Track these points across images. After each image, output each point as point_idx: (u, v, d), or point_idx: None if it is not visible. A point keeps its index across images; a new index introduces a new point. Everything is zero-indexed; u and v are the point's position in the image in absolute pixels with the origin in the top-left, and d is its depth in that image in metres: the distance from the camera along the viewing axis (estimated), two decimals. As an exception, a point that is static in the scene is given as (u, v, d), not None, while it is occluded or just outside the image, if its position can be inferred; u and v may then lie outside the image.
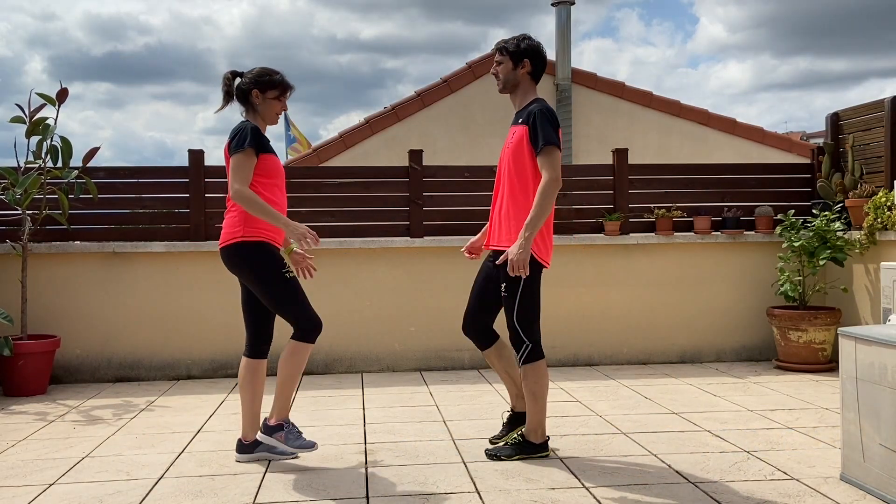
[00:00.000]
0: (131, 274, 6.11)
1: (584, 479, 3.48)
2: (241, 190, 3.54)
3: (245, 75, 3.77)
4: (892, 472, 3.08)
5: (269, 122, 3.81)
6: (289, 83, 3.80)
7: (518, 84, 3.79)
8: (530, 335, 3.70)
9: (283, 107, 3.81)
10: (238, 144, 3.59)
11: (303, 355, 3.70)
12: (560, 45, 11.31)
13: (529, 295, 3.69)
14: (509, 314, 3.72)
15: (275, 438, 3.74)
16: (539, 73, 3.81)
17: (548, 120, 3.62)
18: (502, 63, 3.81)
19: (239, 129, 3.65)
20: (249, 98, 3.74)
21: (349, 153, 10.83)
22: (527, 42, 3.78)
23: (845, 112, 6.57)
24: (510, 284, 3.68)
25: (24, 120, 5.69)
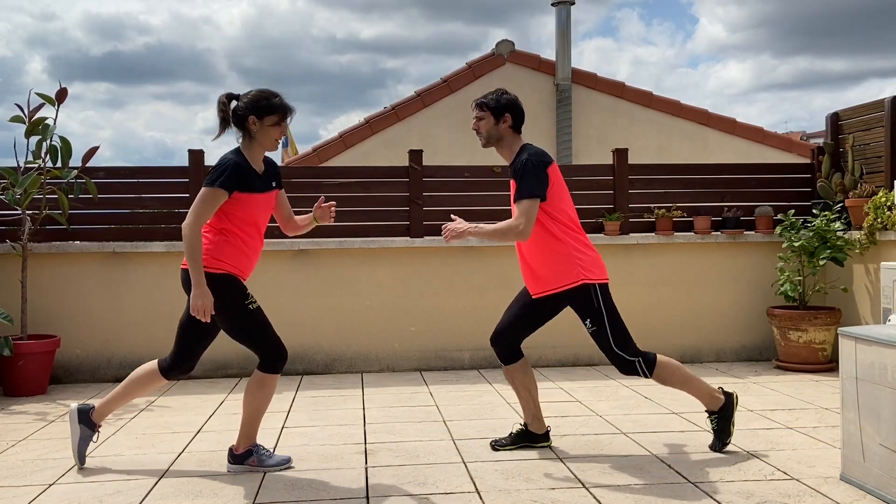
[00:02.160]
0: (131, 274, 6.11)
1: (584, 479, 3.48)
2: (190, 226, 3.39)
3: (241, 99, 3.56)
4: (892, 472, 3.08)
5: (267, 149, 3.61)
6: (289, 107, 3.58)
7: (502, 138, 3.84)
8: (634, 352, 3.74)
9: (282, 132, 3.59)
10: (210, 179, 3.43)
11: (270, 387, 3.62)
12: (560, 45, 11.31)
13: (614, 319, 3.74)
14: (606, 345, 3.75)
15: (247, 465, 3.67)
16: (520, 124, 3.85)
17: (532, 171, 3.65)
18: (483, 119, 3.84)
19: (219, 164, 3.48)
20: (246, 124, 3.53)
21: (349, 153, 10.83)
22: (505, 97, 3.83)
23: (845, 112, 6.57)
24: (594, 318, 3.73)
25: (23, 120, 5.69)
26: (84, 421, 3.74)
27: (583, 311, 3.76)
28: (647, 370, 3.74)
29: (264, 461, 3.68)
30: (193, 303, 3.41)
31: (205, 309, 3.41)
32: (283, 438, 4.26)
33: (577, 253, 3.71)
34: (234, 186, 3.45)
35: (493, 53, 11.25)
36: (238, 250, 3.54)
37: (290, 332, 6.07)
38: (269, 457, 3.71)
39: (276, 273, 6.20)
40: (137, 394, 3.80)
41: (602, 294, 3.73)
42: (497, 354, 4.00)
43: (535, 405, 3.99)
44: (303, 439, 4.23)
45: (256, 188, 3.54)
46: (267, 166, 3.66)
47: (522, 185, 3.64)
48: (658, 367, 3.75)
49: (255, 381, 3.61)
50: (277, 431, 4.41)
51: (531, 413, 3.99)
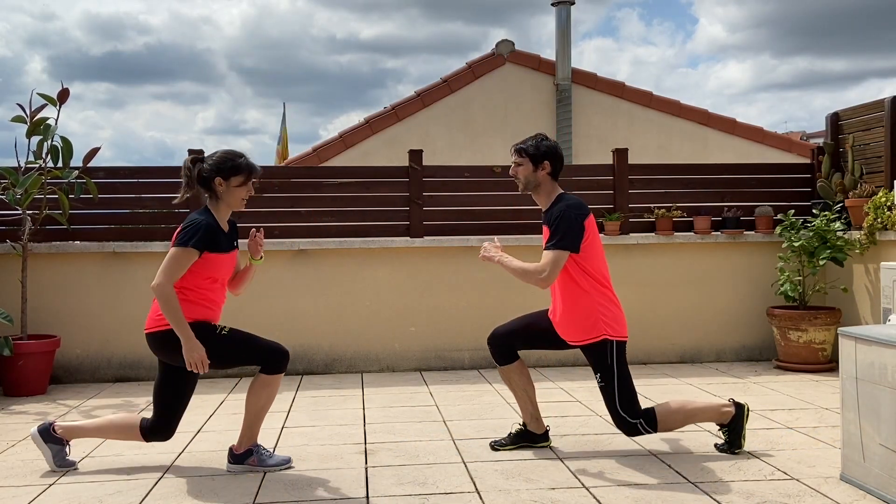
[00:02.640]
0: (131, 274, 6.11)
1: (584, 479, 3.48)
2: (164, 286, 3.40)
3: (206, 161, 3.58)
4: (892, 472, 3.08)
5: (234, 209, 3.64)
6: (254, 167, 3.61)
7: (539, 184, 3.81)
8: (636, 414, 3.73)
9: (249, 191, 3.61)
10: (182, 239, 3.44)
11: (274, 387, 3.63)
12: (560, 45, 11.31)
13: (624, 379, 3.73)
14: (612, 403, 3.73)
15: (247, 465, 3.67)
16: (558, 172, 3.83)
17: (569, 222, 3.65)
18: (522, 165, 3.81)
19: (191, 223, 3.48)
20: (212, 185, 3.55)
21: (349, 153, 10.83)
22: (545, 144, 3.81)
23: (845, 112, 6.57)
24: (605, 373, 3.72)
25: (24, 120, 5.69)
26: (49, 439, 3.72)
27: (596, 364, 3.76)
28: (651, 428, 3.74)
29: (264, 461, 3.68)
30: (188, 356, 3.41)
31: (201, 360, 3.42)
32: (283, 438, 4.26)
33: (603, 308, 3.72)
34: (205, 247, 3.47)
35: (493, 53, 11.25)
36: (199, 306, 3.55)
37: (290, 332, 6.09)
38: (270, 457, 3.71)
39: (276, 273, 6.20)
40: (110, 437, 3.81)
41: (618, 352, 3.73)
42: (492, 354, 4.02)
43: (533, 406, 3.99)
44: (303, 439, 4.23)
45: (223, 248, 3.57)
46: (230, 225, 3.70)
47: (556, 234, 3.64)
48: (660, 422, 3.75)
49: (260, 382, 3.62)
50: (277, 431, 4.41)
51: (529, 413, 3.99)
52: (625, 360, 3.76)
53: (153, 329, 3.56)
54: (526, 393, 3.98)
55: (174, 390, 3.63)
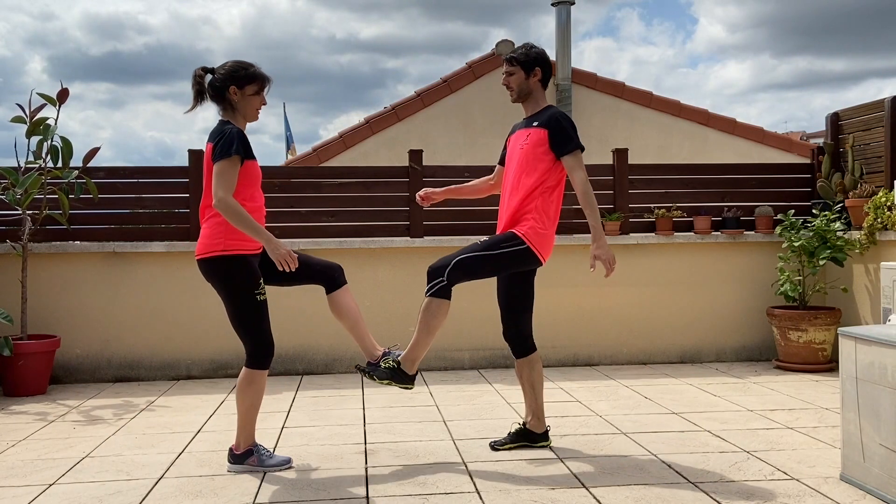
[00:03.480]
0: (131, 274, 6.11)
1: (584, 479, 3.48)
2: (227, 199, 3.35)
3: (217, 71, 3.54)
4: (892, 472, 3.08)
5: (249, 120, 3.60)
6: (266, 76, 3.58)
7: (531, 92, 3.90)
8: (453, 277, 3.72)
9: (262, 101, 3.60)
10: (224, 150, 3.38)
11: (260, 383, 3.61)
12: (560, 45, 11.30)
13: (493, 261, 3.73)
14: (461, 251, 3.77)
15: (247, 465, 3.66)
16: (548, 79, 3.95)
17: (572, 126, 3.80)
18: (514, 73, 3.88)
19: (222, 133, 3.43)
20: (226, 95, 3.51)
21: (349, 153, 10.82)
22: (535, 51, 3.90)
23: (845, 112, 6.57)
24: (490, 244, 3.74)
25: (24, 120, 5.69)
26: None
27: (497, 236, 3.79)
28: (436, 292, 3.74)
29: (264, 461, 3.68)
30: (274, 256, 3.38)
31: (287, 255, 3.40)
32: (283, 438, 4.26)
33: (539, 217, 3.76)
34: (245, 153, 3.46)
35: (493, 53, 11.25)
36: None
37: (290, 332, 6.09)
38: (270, 457, 3.71)
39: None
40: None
41: (518, 253, 3.73)
42: (511, 349, 4.03)
43: (537, 403, 3.98)
44: (303, 439, 4.23)
45: (254, 154, 3.57)
46: None
47: (568, 134, 3.73)
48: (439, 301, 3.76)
49: (245, 379, 3.60)
50: (277, 431, 4.41)
51: (531, 409, 3.99)
52: (508, 264, 3.76)
53: (206, 255, 3.49)
54: (532, 388, 3.97)
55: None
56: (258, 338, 3.58)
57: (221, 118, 3.58)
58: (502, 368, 6.27)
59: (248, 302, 3.52)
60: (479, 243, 3.79)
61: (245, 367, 3.60)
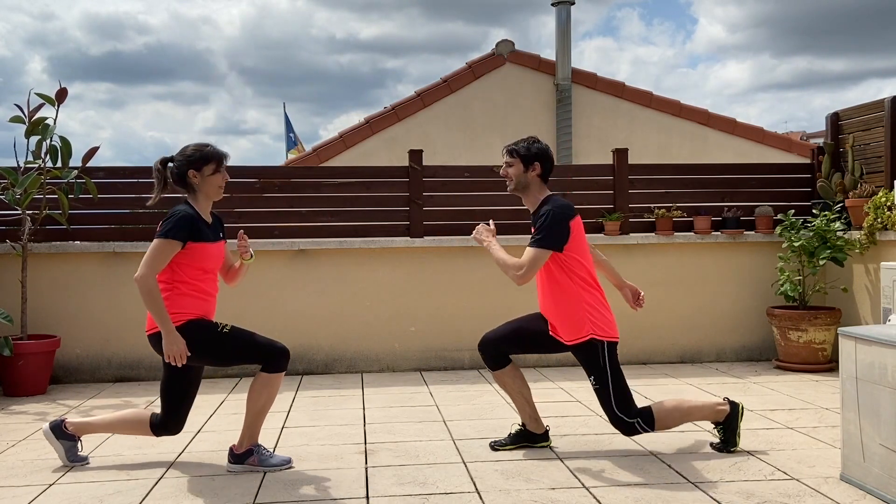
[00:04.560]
0: (131, 274, 6.04)
1: (584, 479, 3.48)
2: (146, 277, 3.42)
3: (176, 158, 3.65)
4: (892, 472, 3.08)
5: (212, 198, 3.67)
6: (222, 153, 3.66)
7: (528, 186, 3.84)
8: (634, 413, 3.74)
9: (224, 178, 3.65)
10: (163, 230, 3.47)
11: (274, 385, 3.63)
12: (560, 45, 11.31)
13: (617, 379, 3.74)
14: (608, 404, 3.74)
15: (247, 465, 3.67)
16: (548, 174, 3.87)
17: (555, 222, 3.68)
18: (513, 166, 3.84)
19: (171, 214, 3.52)
20: (187, 180, 3.61)
21: (349, 153, 10.83)
22: (536, 146, 3.84)
23: (845, 112, 6.57)
24: (599, 375, 3.74)
25: (23, 120, 5.69)
26: (61, 435, 3.77)
27: (588, 366, 3.78)
28: (648, 427, 3.75)
29: (265, 461, 3.68)
30: (167, 349, 3.43)
31: (179, 353, 3.44)
32: (283, 438, 4.26)
33: (589, 308, 3.74)
34: (187, 237, 3.50)
35: (493, 53, 11.26)
36: (195, 299, 3.57)
37: (290, 332, 6.08)
38: (270, 457, 3.71)
39: (276, 273, 6.20)
40: (119, 432, 3.85)
41: (609, 353, 3.75)
42: (483, 360, 4.00)
43: (531, 407, 3.99)
44: (303, 439, 4.23)
45: (208, 238, 3.59)
46: (213, 218, 3.72)
47: (540, 232, 3.68)
48: (657, 420, 3.76)
49: (261, 381, 3.62)
50: (277, 431, 4.41)
51: (528, 414, 3.99)
52: (616, 361, 3.78)
53: (153, 330, 3.56)
54: (522, 395, 3.98)
55: (179, 387, 3.63)
56: (258, 354, 3.60)
57: (185, 200, 3.65)
58: (502, 368, 6.27)
59: (218, 346, 3.56)
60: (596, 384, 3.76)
61: (261, 372, 3.62)
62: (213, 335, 3.56)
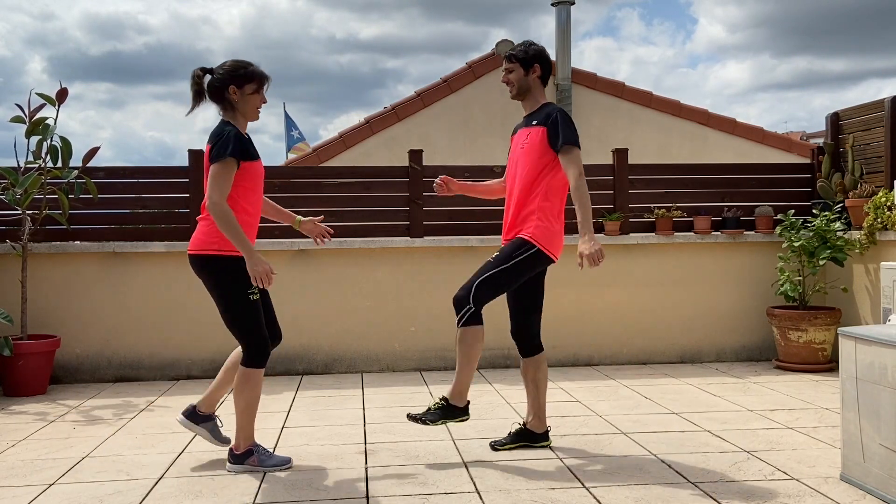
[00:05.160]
0: (131, 274, 6.11)
1: (584, 479, 3.48)
2: (220, 204, 3.38)
3: (216, 71, 3.54)
4: (892, 472, 3.08)
5: (250, 119, 3.60)
6: (265, 74, 3.59)
7: (530, 89, 3.92)
8: (478, 300, 3.73)
9: (262, 100, 3.59)
10: (220, 152, 3.40)
11: (255, 381, 3.60)
12: (560, 45, 11.30)
13: (511, 273, 3.75)
14: (478, 273, 3.77)
15: (247, 465, 3.66)
16: (547, 76, 3.95)
17: (569, 122, 3.79)
18: (513, 71, 3.90)
19: (220, 134, 3.44)
20: (226, 95, 3.51)
21: (349, 153, 10.82)
22: (534, 48, 3.91)
23: (845, 112, 6.57)
24: (498, 259, 3.76)
25: (24, 120, 5.69)
26: (197, 419, 3.83)
27: (503, 249, 3.81)
28: (467, 320, 3.72)
29: (264, 461, 3.68)
30: (253, 271, 3.40)
31: (265, 273, 3.42)
32: (283, 438, 4.26)
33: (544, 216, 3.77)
34: (241, 155, 3.46)
35: (493, 53, 11.25)
36: (242, 224, 3.51)
37: (290, 332, 6.07)
38: (270, 457, 3.71)
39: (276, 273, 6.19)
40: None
41: (530, 257, 3.75)
42: (518, 348, 4.03)
43: (539, 403, 3.98)
44: (303, 439, 4.23)
45: (254, 156, 3.57)
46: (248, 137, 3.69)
47: (567, 132, 3.72)
48: (471, 328, 3.73)
49: (241, 378, 3.60)
50: (277, 431, 4.41)
51: (533, 409, 3.98)
52: (526, 270, 3.76)
53: (197, 251, 3.52)
54: (536, 387, 3.97)
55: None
56: (252, 336, 3.58)
57: (222, 118, 3.59)
58: (502, 368, 6.27)
59: (241, 301, 3.54)
60: (492, 260, 3.80)
61: (241, 366, 3.60)
62: (243, 290, 3.52)
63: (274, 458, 3.72)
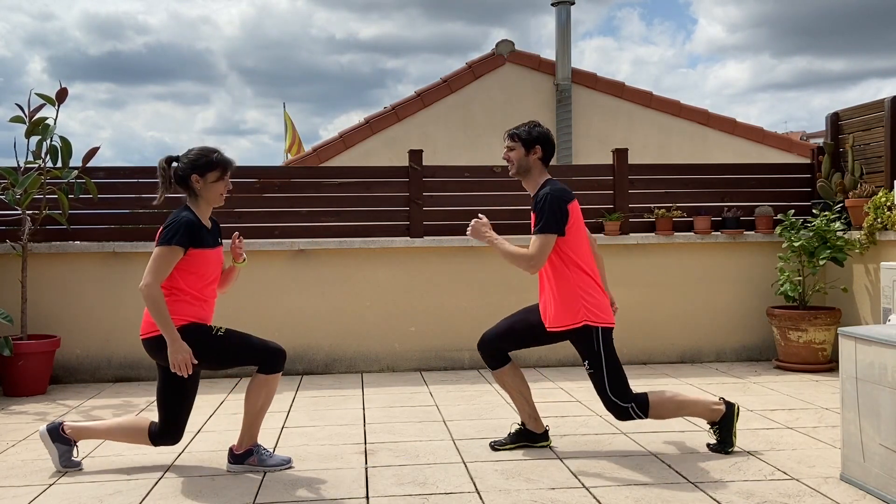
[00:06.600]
0: (131, 274, 6.10)
1: (584, 479, 3.48)
2: (151, 287, 3.40)
3: (181, 159, 3.62)
4: (892, 472, 3.08)
5: (214, 204, 3.65)
6: (229, 161, 3.63)
7: (530, 169, 3.87)
8: (628, 398, 3.74)
9: (226, 186, 3.63)
10: (166, 237, 3.46)
11: (272, 386, 3.62)
12: (560, 45, 11.30)
13: (612, 364, 3.75)
14: (602, 388, 3.75)
15: (247, 465, 3.66)
16: (549, 158, 3.90)
17: (551, 207, 3.69)
18: (514, 149, 3.87)
19: (172, 221, 3.50)
20: (189, 183, 3.58)
21: (349, 153, 10.82)
22: (537, 130, 3.87)
23: (845, 112, 6.57)
24: (593, 360, 3.75)
25: (23, 120, 5.69)
26: (57, 439, 3.72)
27: (583, 352, 3.79)
28: (642, 413, 3.75)
29: (265, 461, 3.68)
30: (173, 358, 3.41)
31: (185, 362, 3.41)
32: (283, 438, 4.26)
33: (584, 294, 3.74)
34: (189, 243, 3.48)
35: (493, 53, 11.25)
36: (192, 305, 3.55)
37: (290, 332, 6.09)
38: (270, 457, 3.71)
39: (276, 273, 6.20)
40: (118, 440, 3.80)
41: (603, 338, 3.75)
42: (483, 359, 4.02)
43: (531, 406, 3.99)
44: (303, 439, 4.23)
45: (208, 244, 3.58)
46: (212, 223, 3.71)
47: (542, 218, 3.69)
48: (652, 408, 3.76)
49: (258, 382, 3.61)
50: (277, 431, 4.41)
51: (527, 414, 3.99)
52: (611, 345, 3.77)
53: (148, 334, 3.55)
54: (521, 395, 3.98)
55: (177, 393, 3.61)
56: (254, 355, 3.60)
57: (186, 203, 3.64)
58: (502, 368, 6.27)
59: (213, 349, 3.54)
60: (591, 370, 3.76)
61: (258, 373, 3.61)
62: (209, 338, 3.54)
63: (274, 458, 3.72)
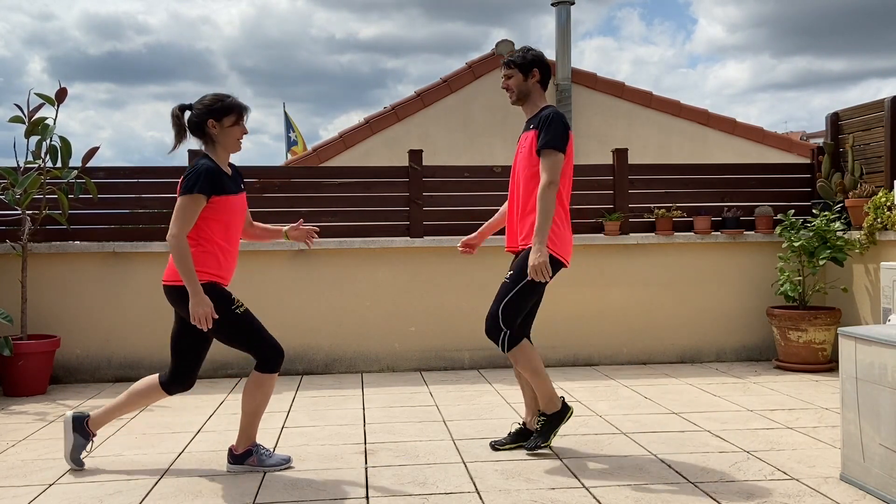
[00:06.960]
0: (131, 274, 6.11)
1: (584, 479, 3.48)
2: (178, 237, 3.38)
3: (195, 106, 3.58)
4: (892, 472, 3.08)
5: (231, 151, 3.62)
6: (244, 105, 3.61)
7: (529, 93, 3.92)
8: (509, 324, 3.75)
9: (243, 131, 3.62)
10: (188, 187, 3.43)
11: (268, 387, 3.61)
12: (560, 45, 11.30)
13: (527, 295, 3.75)
14: (499, 301, 3.76)
15: (247, 465, 3.66)
16: (547, 80, 3.95)
17: (557, 125, 3.74)
18: (512, 76, 3.91)
19: (192, 171, 3.47)
20: (205, 129, 3.54)
21: (349, 153, 10.83)
22: (531, 53, 3.92)
23: (845, 112, 6.57)
24: (517, 274, 3.75)
25: (23, 120, 5.69)
26: (79, 430, 3.73)
27: (518, 264, 3.78)
28: (508, 346, 3.74)
29: (264, 461, 3.68)
30: (194, 311, 3.39)
31: (206, 315, 3.40)
32: (283, 438, 4.26)
33: (554, 224, 3.74)
34: (211, 190, 3.46)
35: (493, 53, 11.25)
36: (216, 257, 3.54)
37: (290, 332, 6.09)
38: (269, 457, 3.71)
39: (276, 273, 6.20)
40: (138, 405, 3.78)
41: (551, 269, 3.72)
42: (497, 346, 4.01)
43: (536, 403, 3.98)
44: (303, 439, 4.23)
45: (230, 190, 3.56)
46: (233, 170, 3.69)
47: (549, 135, 3.70)
48: (519, 349, 3.75)
49: (254, 382, 3.61)
50: (277, 431, 4.41)
51: (531, 409, 3.99)
52: (545, 285, 3.77)
53: (171, 282, 3.52)
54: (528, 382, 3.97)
55: (192, 343, 3.59)
56: (258, 346, 3.58)
57: (204, 151, 3.62)
58: (502, 368, 6.27)
59: (227, 320, 3.52)
60: (508, 279, 3.78)
61: (255, 371, 3.60)
62: (227, 310, 3.51)
63: (274, 457, 3.72)
